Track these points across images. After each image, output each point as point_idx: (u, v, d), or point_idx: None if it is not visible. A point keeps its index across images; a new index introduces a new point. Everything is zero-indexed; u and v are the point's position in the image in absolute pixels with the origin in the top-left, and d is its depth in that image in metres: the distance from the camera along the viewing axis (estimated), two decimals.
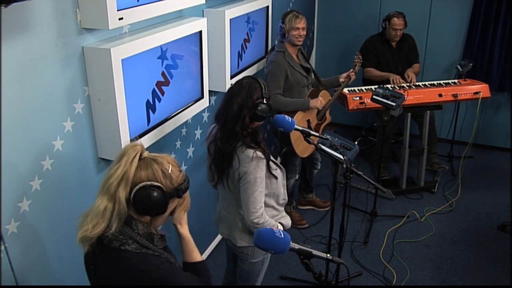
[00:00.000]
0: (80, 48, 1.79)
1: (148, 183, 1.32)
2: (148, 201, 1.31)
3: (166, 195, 1.35)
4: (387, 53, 4.18)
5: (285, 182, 2.24)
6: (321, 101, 3.18)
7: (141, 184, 1.32)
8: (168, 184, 1.35)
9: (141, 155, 1.36)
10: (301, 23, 3.13)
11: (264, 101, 2.03)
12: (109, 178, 1.31)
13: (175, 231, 1.55)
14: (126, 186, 1.31)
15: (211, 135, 2.15)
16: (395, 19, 4.03)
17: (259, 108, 2.01)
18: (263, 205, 2.05)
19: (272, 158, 2.12)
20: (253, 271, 2.26)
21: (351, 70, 3.46)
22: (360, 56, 3.52)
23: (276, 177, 2.11)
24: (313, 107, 3.15)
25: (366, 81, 4.25)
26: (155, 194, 1.32)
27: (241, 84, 2.06)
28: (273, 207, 2.18)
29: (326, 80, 3.51)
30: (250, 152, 1.99)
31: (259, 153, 2.00)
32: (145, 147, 2.09)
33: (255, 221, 2.01)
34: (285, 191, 2.23)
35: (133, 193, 1.32)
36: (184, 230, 1.54)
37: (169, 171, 1.37)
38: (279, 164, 2.19)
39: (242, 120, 2.00)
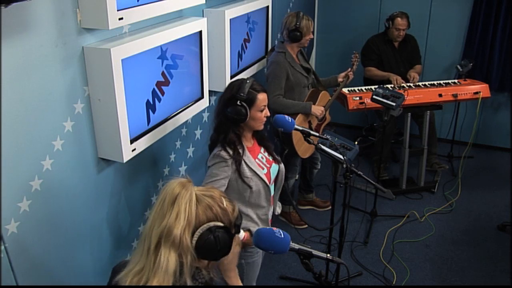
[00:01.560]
0: (80, 48, 1.79)
1: (212, 224, 1.18)
2: (217, 244, 1.17)
3: (232, 233, 1.22)
4: (389, 53, 4.18)
5: (269, 197, 2.15)
6: (322, 110, 3.19)
7: (204, 227, 1.17)
8: (228, 221, 1.22)
9: None
10: (312, 26, 3.16)
11: (238, 103, 1.98)
12: (169, 228, 1.14)
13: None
14: (189, 231, 1.16)
15: None
16: (399, 19, 4.03)
17: (231, 109, 1.99)
18: None
19: (254, 167, 2.05)
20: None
21: (349, 69, 3.47)
22: (357, 55, 3.53)
23: (250, 187, 2.04)
24: (313, 114, 3.16)
25: (367, 80, 4.25)
26: (221, 236, 1.18)
27: (229, 82, 2.12)
28: (250, 217, 2.10)
29: (325, 80, 3.51)
30: (217, 149, 2.04)
31: (223, 154, 2.00)
32: (145, 147, 2.12)
33: None
34: (269, 206, 2.16)
35: (196, 237, 1.17)
36: (234, 278, 1.41)
37: (224, 205, 1.24)
38: (264, 179, 2.08)
39: (218, 117, 2.07)
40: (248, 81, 2.02)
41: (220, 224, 1.20)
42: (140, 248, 1.20)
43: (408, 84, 3.95)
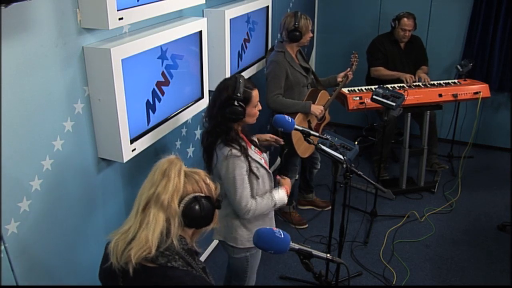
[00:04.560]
0: (80, 48, 1.79)
1: (197, 194, 1.31)
2: (201, 211, 1.30)
3: (214, 205, 1.35)
4: (395, 54, 4.16)
5: (272, 185, 2.21)
6: (322, 109, 3.19)
7: (191, 195, 1.30)
8: (211, 196, 1.36)
9: None
10: (311, 25, 3.16)
11: (235, 103, 2.00)
12: (158, 194, 1.27)
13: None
14: (177, 198, 1.28)
15: None
16: (405, 19, 4.01)
17: (227, 109, 2.01)
18: (251, 198, 2.07)
19: (256, 157, 2.11)
20: (239, 268, 2.27)
21: (348, 69, 3.47)
22: (356, 55, 3.52)
23: (257, 177, 2.10)
24: (313, 113, 3.16)
25: (373, 80, 4.21)
26: (205, 204, 1.31)
27: (220, 83, 2.11)
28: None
29: (324, 80, 3.51)
30: (226, 150, 2.03)
31: (235, 151, 2.02)
32: (145, 147, 2.12)
33: (247, 217, 2.08)
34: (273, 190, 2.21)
35: (182, 205, 1.29)
36: None
37: (208, 182, 1.38)
38: (265, 166, 2.16)
39: (214, 118, 2.06)
40: (240, 80, 2.03)
41: (205, 194, 1.33)
42: (131, 213, 1.31)
43: (419, 83, 3.94)
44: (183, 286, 1.25)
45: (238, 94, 2.00)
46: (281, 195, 2.15)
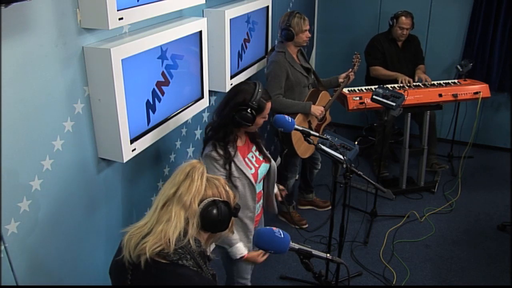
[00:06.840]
0: (80, 48, 1.79)
1: (216, 198, 1.34)
2: (218, 215, 1.32)
3: (232, 212, 1.38)
4: (393, 52, 4.16)
5: (254, 196, 2.13)
6: (322, 110, 3.19)
7: (210, 199, 1.32)
8: (230, 203, 1.38)
9: None
10: (307, 25, 3.15)
11: (248, 110, 1.99)
12: (181, 194, 1.29)
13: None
14: (198, 200, 1.31)
15: None
16: (403, 18, 4.02)
17: (240, 113, 1.99)
18: None
19: (243, 167, 2.05)
20: (226, 260, 2.25)
21: (350, 70, 3.47)
22: (358, 56, 3.52)
23: (236, 186, 2.04)
24: (313, 114, 3.16)
25: (372, 80, 4.21)
26: (223, 209, 1.33)
27: (238, 84, 2.11)
28: (240, 220, 2.11)
29: (326, 81, 3.51)
30: (209, 149, 2.03)
31: (214, 154, 2.00)
32: (145, 147, 2.12)
33: None
34: (255, 204, 2.14)
35: (201, 207, 1.31)
36: None
37: (227, 189, 1.40)
38: (250, 178, 2.08)
39: (222, 117, 2.04)
40: (260, 89, 2.03)
41: (224, 200, 1.36)
42: (148, 212, 1.34)
43: (417, 83, 3.94)
44: (188, 286, 1.26)
45: (254, 102, 2.00)
46: (237, 249, 2.09)
